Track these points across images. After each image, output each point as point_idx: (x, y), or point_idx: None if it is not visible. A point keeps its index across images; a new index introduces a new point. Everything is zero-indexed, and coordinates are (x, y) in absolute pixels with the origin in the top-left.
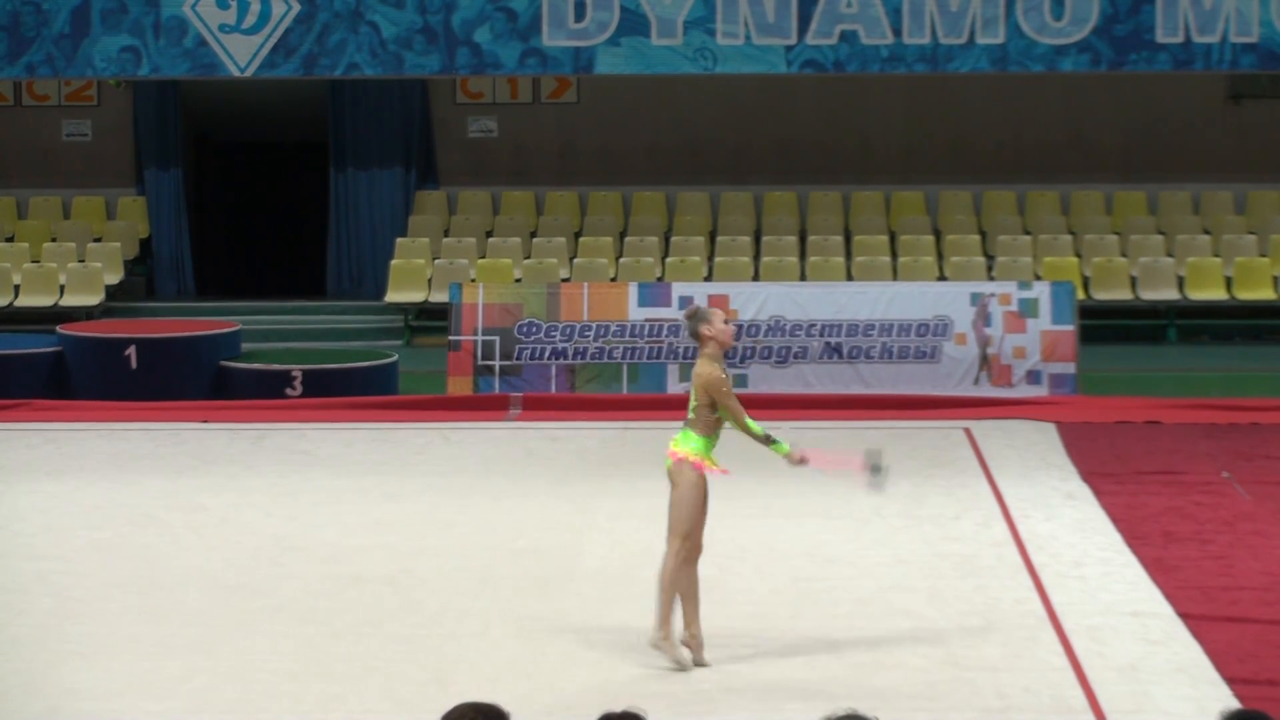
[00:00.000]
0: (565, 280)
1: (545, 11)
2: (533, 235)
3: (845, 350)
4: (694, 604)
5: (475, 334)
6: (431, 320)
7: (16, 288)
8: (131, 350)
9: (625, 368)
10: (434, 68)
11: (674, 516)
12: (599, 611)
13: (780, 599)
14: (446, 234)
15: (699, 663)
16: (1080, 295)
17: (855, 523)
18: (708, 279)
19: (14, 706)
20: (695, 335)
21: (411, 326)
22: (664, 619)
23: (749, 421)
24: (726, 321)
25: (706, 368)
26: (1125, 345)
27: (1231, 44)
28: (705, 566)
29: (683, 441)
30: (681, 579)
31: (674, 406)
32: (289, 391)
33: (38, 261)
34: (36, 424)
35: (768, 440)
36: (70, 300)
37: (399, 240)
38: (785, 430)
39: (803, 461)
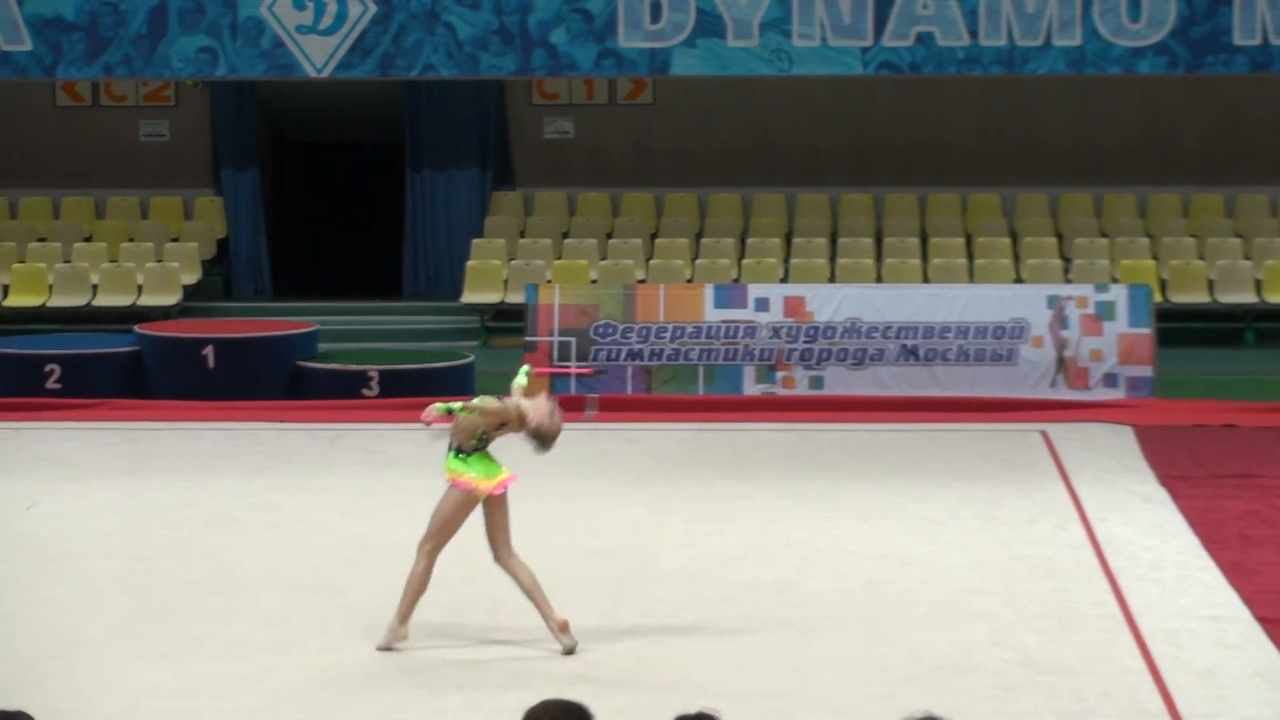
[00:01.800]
0: (641, 281)
1: (621, 13)
2: (609, 236)
3: (921, 352)
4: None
5: (551, 335)
6: (508, 321)
7: (95, 287)
8: (209, 350)
9: (701, 369)
10: (510, 69)
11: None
12: (674, 613)
13: (855, 601)
14: (522, 235)
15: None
16: (1157, 298)
17: (931, 525)
18: (783, 280)
19: (92, 704)
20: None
21: (488, 327)
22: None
23: None
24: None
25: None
26: (1202, 348)
27: None
28: (781, 568)
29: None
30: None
31: (750, 408)
32: (365, 392)
33: (115, 261)
34: (114, 423)
35: None
36: (148, 300)
37: (475, 241)
38: (862, 434)
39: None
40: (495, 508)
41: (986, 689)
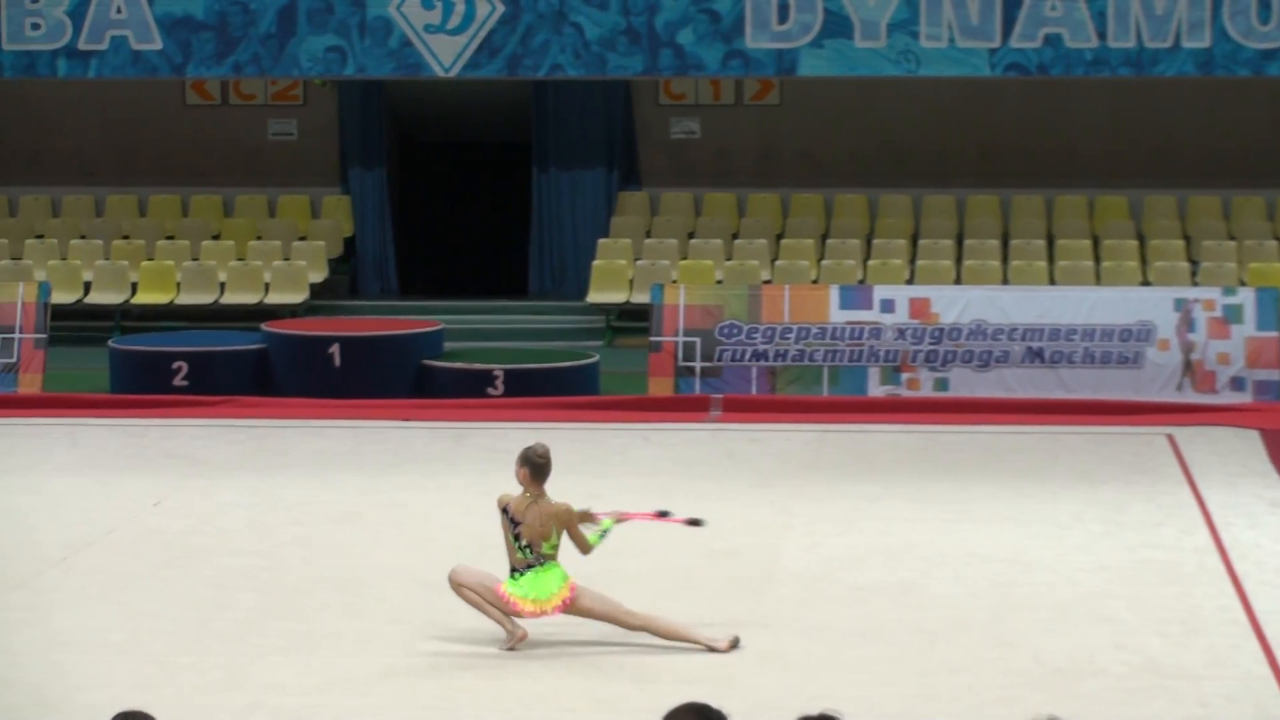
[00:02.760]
0: (766, 282)
1: (748, 13)
2: (734, 237)
3: (1047, 354)
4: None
5: (676, 335)
6: (633, 321)
7: (222, 285)
8: (335, 348)
9: (826, 370)
10: (637, 69)
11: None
12: (798, 614)
13: (979, 604)
14: (648, 235)
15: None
16: None
17: (1056, 529)
18: (909, 282)
19: (217, 700)
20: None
21: (613, 327)
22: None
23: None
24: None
25: (559, 503)
26: None
27: None
28: (905, 570)
29: (557, 578)
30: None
31: (874, 410)
32: (490, 391)
33: (243, 259)
34: (241, 420)
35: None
36: (275, 298)
37: (601, 241)
38: (986, 436)
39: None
40: (581, 607)
41: (1110, 693)
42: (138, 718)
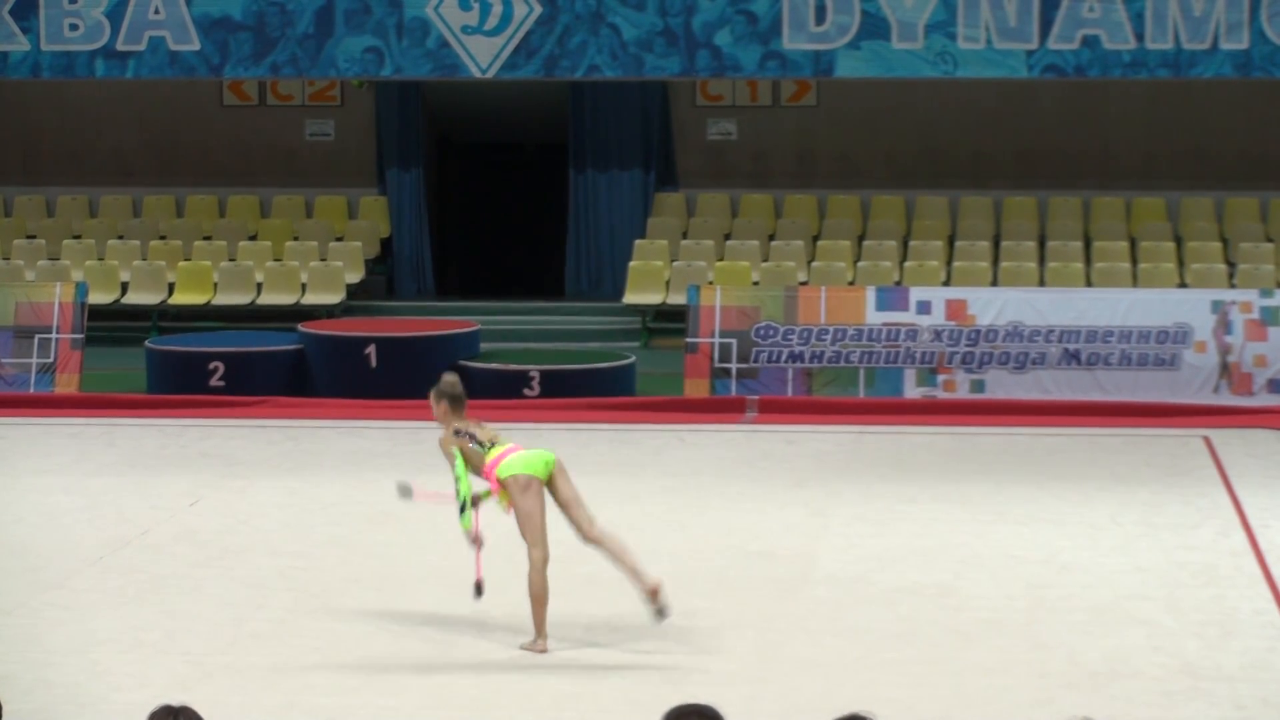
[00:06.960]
0: (803, 283)
1: (786, 14)
2: (771, 238)
3: (1083, 356)
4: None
5: (712, 336)
6: (669, 322)
7: (259, 285)
8: (371, 349)
9: (862, 372)
10: (674, 70)
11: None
12: (833, 615)
13: (1015, 606)
14: (685, 236)
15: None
16: None
17: (1092, 530)
18: (946, 283)
19: (252, 699)
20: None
21: (649, 328)
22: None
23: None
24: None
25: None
26: None
27: None
28: (941, 572)
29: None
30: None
31: (910, 411)
32: (527, 392)
33: (280, 260)
34: (277, 420)
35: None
36: (311, 299)
37: (637, 242)
38: (1023, 438)
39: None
40: (556, 485)
41: (1146, 695)
42: (181, 713)
